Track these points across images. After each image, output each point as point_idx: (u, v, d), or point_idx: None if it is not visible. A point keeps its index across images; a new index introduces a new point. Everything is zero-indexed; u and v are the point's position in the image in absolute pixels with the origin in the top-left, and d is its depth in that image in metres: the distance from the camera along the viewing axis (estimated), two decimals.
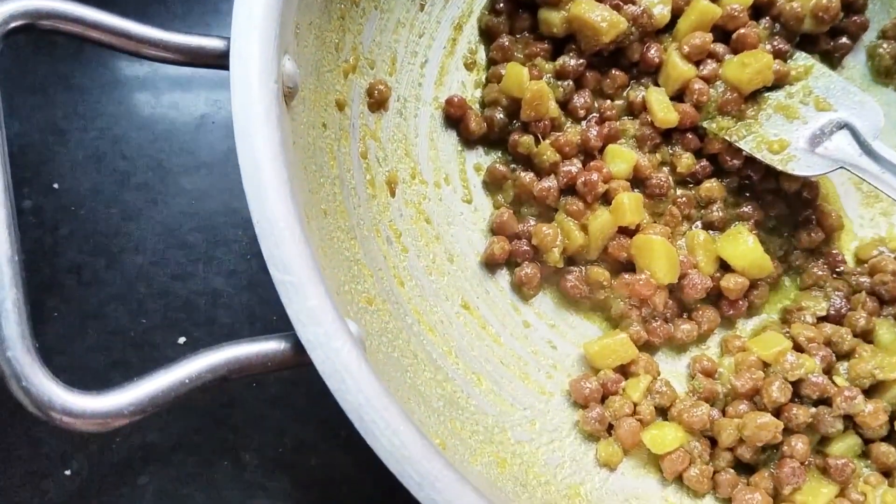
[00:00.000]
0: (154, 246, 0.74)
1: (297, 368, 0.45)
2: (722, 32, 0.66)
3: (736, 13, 0.65)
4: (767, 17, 0.68)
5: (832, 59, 0.72)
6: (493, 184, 0.66)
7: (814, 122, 0.64)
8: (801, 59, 0.67)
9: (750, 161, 0.65)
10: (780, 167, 0.62)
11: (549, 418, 0.61)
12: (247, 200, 0.44)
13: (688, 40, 0.64)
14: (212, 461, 0.69)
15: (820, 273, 0.65)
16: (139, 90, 0.77)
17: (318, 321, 0.43)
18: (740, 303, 0.64)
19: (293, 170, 0.50)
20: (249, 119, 0.45)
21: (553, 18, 0.65)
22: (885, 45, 0.71)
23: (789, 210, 0.67)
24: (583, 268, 0.65)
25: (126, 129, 0.76)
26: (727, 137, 0.64)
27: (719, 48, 0.65)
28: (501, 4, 0.67)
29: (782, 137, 0.63)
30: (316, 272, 0.44)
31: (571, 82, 0.66)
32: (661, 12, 0.65)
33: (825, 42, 0.70)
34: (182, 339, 0.71)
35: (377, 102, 0.62)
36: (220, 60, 0.48)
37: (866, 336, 0.63)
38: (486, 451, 0.56)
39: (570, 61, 0.65)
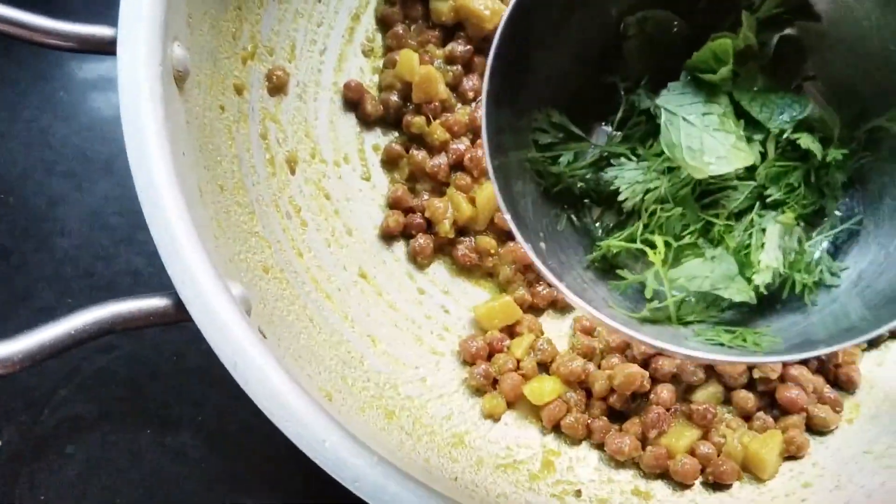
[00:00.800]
0: (79, 229, 0.78)
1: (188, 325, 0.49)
2: None
3: None
4: None
5: None
6: (389, 162, 0.71)
7: None
8: None
9: None
10: None
11: (440, 376, 0.66)
12: (131, 170, 0.49)
13: None
14: (136, 430, 0.74)
15: None
16: (64, 83, 0.82)
17: (196, 280, 0.48)
18: None
19: (186, 147, 0.55)
20: (135, 99, 0.50)
21: (442, 7, 0.70)
22: None
23: None
24: (472, 238, 0.70)
25: (51, 120, 0.80)
26: None
27: None
28: None
29: None
30: (195, 235, 0.49)
31: (460, 67, 0.71)
32: None
33: None
34: None
35: (276, 87, 0.67)
36: (109, 47, 0.52)
37: None
38: (374, 404, 0.61)
39: (458, 47, 0.70)
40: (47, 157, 0.80)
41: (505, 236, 0.69)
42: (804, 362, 0.65)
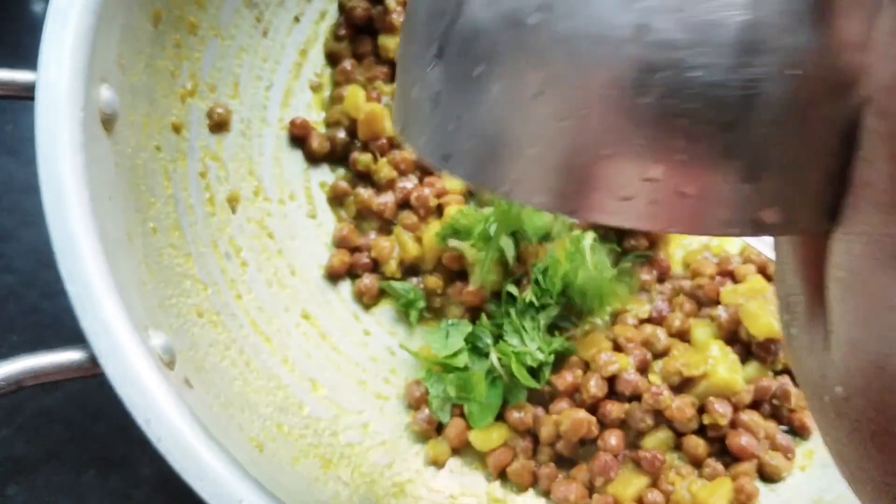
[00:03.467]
0: (25, 265, 0.77)
1: (97, 377, 0.48)
2: None
3: None
4: None
5: None
6: (336, 199, 0.70)
7: None
8: None
9: None
10: None
11: (384, 421, 0.64)
12: (47, 222, 0.48)
13: None
14: (79, 471, 0.72)
15: (647, 278, 0.69)
16: (13, 116, 0.81)
17: (110, 332, 0.46)
18: None
19: (113, 191, 0.53)
20: (53, 147, 0.48)
21: (390, 44, 0.69)
22: None
23: None
24: (420, 278, 0.68)
25: None
26: None
27: None
28: (344, 31, 0.71)
29: None
30: (113, 287, 0.47)
31: None
32: None
33: None
34: None
35: (217, 125, 0.66)
36: (31, 93, 0.51)
37: (684, 336, 0.67)
38: (311, 453, 0.59)
39: None
40: None
41: (453, 276, 0.68)
42: (756, 406, 0.64)
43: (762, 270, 0.68)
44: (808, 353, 0.26)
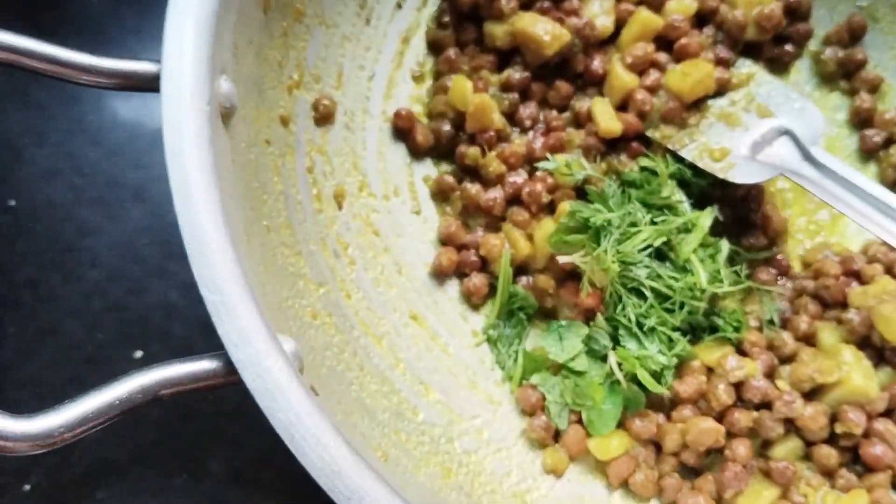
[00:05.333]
0: (110, 261, 0.74)
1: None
2: (665, 42, 0.67)
3: (677, 23, 0.66)
4: (711, 26, 0.69)
5: (779, 66, 0.73)
6: (440, 195, 0.67)
7: (755, 130, 0.64)
8: (745, 67, 0.68)
9: None
10: (720, 175, 0.63)
11: (497, 427, 0.62)
12: (179, 224, 0.45)
13: (630, 51, 0.65)
14: (169, 474, 0.70)
15: (766, 277, 0.66)
16: (94, 106, 0.78)
17: (249, 341, 0.43)
18: None
19: (233, 188, 0.51)
20: (180, 143, 0.46)
21: (497, 31, 0.66)
22: (828, 51, 0.72)
23: (735, 214, 0.68)
24: (530, 277, 0.65)
25: (81, 144, 0.77)
26: (670, 146, 0.65)
27: (662, 57, 0.66)
28: (448, 18, 0.68)
29: (724, 145, 0.64)
30: (247, 292, 0.44)
31: (517, 94, 0.66)
32: (604, 24, 0.66)
33: (770, 50, 0.71)
34: (139, 353, 0.72)
35: (323, 117, 0.63)
36: (152, 84, 0.48)
37: (809, 340, 0.63)
38: (431, 461, 0.56)
39: (514, 74, 0.66)
40: (76, 184, 0.76)
41: (565, 275, 0.65)
42: (889, 414, 0.61)
43: (889, 270, 0.65)
44: None
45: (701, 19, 0.69)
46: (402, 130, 0.67)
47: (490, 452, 0.60)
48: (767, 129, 0.64)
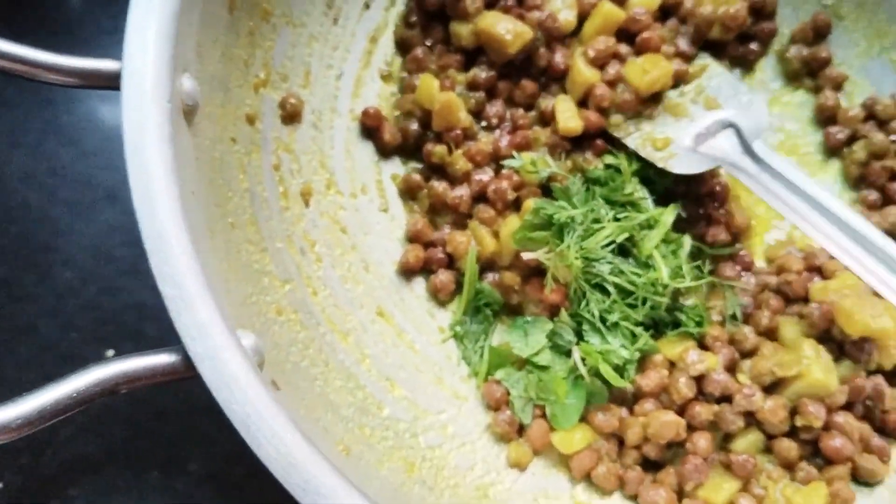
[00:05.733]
0: (83, 261, 0.75)
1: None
2: (627, 34, 0.68)
3: (639, 16, 0.67)
4: (674, 18, 0.69)
5: (744, 64, 0.74)
6: (408, 193, 0.68)
7: (700, 121, 0.65)
8: (703, 59, 0.69)
9: None
10: (660, 164, 0.64)
11: (462, 422, 0.62)
12: (138, 219, 0.46)
13: (592, 45, 0.66)
14: (143, 472, 0.70)
15: (730, 273, 0.67)
16: (68, 107, 0.78)
17: (207, 334, 0.44)
18: None
19: (196, 185, 0.51)
20: (141, 140, 0.46)
21: (462, 31, 0.67)
22: (793, 50, 0.73)
23: (700, 210, 0.69)
24: (496, 274, 0.66)
25: (55, 145, 0.77)
26: (615, 133, 0.66)
27: (623, 49, 0.67)
28: (415, 17, 0.69)
29: (668, 135, 0.65)
30: (206, 286, 0.45)
31: (483, 93, 0.67)
32: (567, 18, 0.67)
33: (735, 48, 0.72)
34: (111, 352, 0.72)
35: (290, 115, 0.63)
36: (115, 82, 0.49)
37: (771, 334, 0.64)
38: (395, 456, 0.57)
39: (481, 73, 0.67)
40: (50, 185, 0.76)
41: (530, 272, 0.65)
42: (849, 408, 0.62)
43: None
44: None
45: (665, 12, 0.70)
46: (370, 129, 0.67)
47: (454, 447, 0.61)
48: (712, 121, 0.65)
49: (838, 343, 0.62)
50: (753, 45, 0.73)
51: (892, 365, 0.61)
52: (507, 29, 0.64)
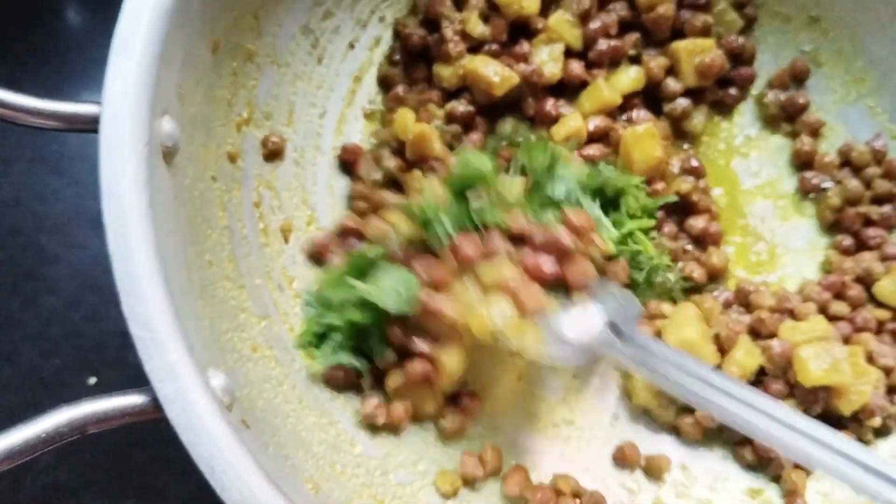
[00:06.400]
0: (68, 288, 0.76)
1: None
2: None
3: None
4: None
5: (722, 109, 0.75)
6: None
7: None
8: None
9: None
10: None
11: (432, 458, 0.63)
12: (111, 260, 0.47)
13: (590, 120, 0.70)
14: (120, 499, 0.71)
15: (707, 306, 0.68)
16: (57, 137, 0.80)
17: (175, 376, 0.45)
18: None
19: (173, 224, 0.52)
20: (118, 185, 0.47)
21: (444, 73, 0.68)
22: (770, 95, 0.74)
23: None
24: None
25: (43, 174, 0.78)
26: None
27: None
28: (399, 56, 0.70)
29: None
30: (177, 328, 0.46)
31: (459, 127, 0.68)
32: (552, 71, 0.68)
33: (714, 93, 0.73)
34: (93, 380, 0.74)
35: (272, 153, 0.65)
36: (96, 125, 0.50)
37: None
38: (364, 493, 0.58)
39: (459, 107, 0.68)
40: (38, 212, 0.78)
41: None
42: None
43: (823, 310, 0.67)
44: None
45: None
46: (347, 163, 0.68)
47: (425, 485, 0.61)
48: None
49: (790, 384, 0.63)
50: (732, 90, 0.74)
51: (850, 411, 0.62)
52: (495, 71, 0.65)
